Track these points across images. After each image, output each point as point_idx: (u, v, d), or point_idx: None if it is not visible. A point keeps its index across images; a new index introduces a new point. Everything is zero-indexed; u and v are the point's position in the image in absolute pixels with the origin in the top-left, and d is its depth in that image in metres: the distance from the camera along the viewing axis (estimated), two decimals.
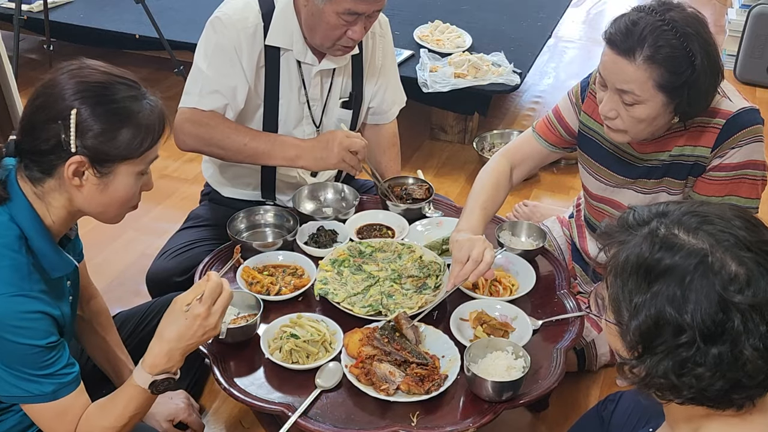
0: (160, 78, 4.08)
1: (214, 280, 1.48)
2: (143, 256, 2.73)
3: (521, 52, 3.56)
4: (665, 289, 1.00)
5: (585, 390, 2.24)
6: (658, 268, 1.02)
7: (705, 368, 0.99)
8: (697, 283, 0.99)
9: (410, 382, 1.61)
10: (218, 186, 2.37)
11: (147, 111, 1.44)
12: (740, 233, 1.01)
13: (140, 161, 1.45)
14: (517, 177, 2.09)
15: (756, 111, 1.77)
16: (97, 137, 1.38)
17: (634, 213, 1.10)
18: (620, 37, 1.64)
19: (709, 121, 1.76)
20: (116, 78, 1.43)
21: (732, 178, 1.77)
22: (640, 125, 1.72)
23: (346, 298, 1.85)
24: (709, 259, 1.00)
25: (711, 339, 0.98)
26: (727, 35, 4.61)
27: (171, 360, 1.46)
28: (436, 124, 3.68)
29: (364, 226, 2.16)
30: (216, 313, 1.47)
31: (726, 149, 1.75)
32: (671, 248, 1.02)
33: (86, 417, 1.47)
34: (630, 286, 1.04)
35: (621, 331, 1.07)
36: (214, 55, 2.08)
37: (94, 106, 1.38)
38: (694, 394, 1.02)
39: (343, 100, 2.26)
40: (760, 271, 0.99)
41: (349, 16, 1.96)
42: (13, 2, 3.57)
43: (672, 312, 1.00)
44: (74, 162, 1.38)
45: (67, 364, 1.45)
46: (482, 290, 1.90)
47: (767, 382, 1.01)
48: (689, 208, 1.07)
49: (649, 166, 1.87)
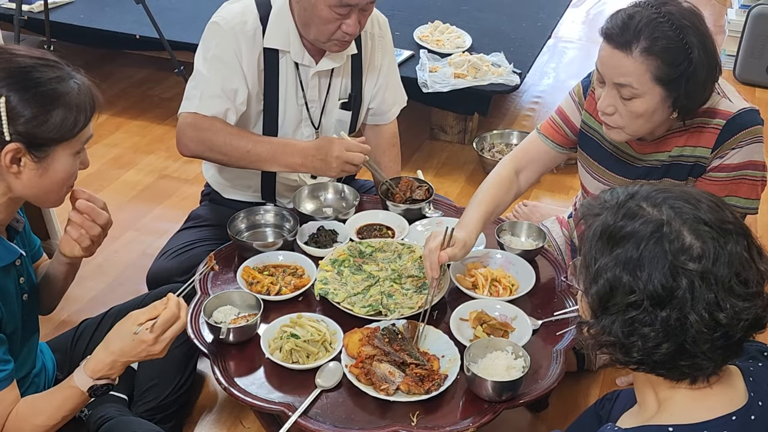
0: (160, 78, 4.08)
1: (171, 308, 1.49)
2: (143, 255, 2.74)
3: (521, 53, 3.56)
4: (623, 253, 1.07)
5: (585, 390, 2.25)
6: (620, 234, 1.09)
7: (651, 329, 1.06)
8: (651, 250, 1.06)
9: (410, 382, 1.61)
10: (219, 187, 2.38)
11: (75, 90, 1.42)
12: (702, 211, 1.08)
13: (76, 141, 1.44)
14: (526, 180, 2.06)
15: (756, 111, 1.78)
16: (29, 122, 1.37)
17: (610, 192, 1.18)
18: (617, 31, 1.64)
19: (709, 122, 1.76)
20: (39, 60, 1.41)
21: (732, 179, 1.77)
22: (638, 120, 1.72)
23: (346, 298, 1.85)
24: (665, 228, 1.06)
25: (659, 302, 1.05)
26: (726, 35, 4.62)
27: (113, 369, 1.49)
28: (436, 124, 3.68)
29: (364, 226, 2.17)
30: (164, 341, 1.49)
31: (726, 150, 1.75)
32: (633, 217, 1.09)
33: (16, 413, 1.46)
34: (594, 252, 1.12)
35: (584, 295, 1.14)
36: (214, 60, 2.08)
37: (21, 92, 1.36)
38: (643, 356, 1.09)
39: (343, 101, 2.26)
40: (714, 245, 1.05)
41: (342, 8, 1.95)
42: (13, 2, 3.57)
43: (626, 275, 1.07)
44: (10, 150, 1.37)
45: (0, 360, 1.44)
46: (482, 290, 1.91)
47: (713, 354, 1.06)
48: (660, 186, 1.15)
49: (648, 167, 1.88)
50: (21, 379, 1.59)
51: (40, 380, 1.69)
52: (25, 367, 1.62)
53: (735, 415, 1.08)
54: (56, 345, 1.87)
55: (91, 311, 2.25)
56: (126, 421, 1.66)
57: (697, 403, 1.10)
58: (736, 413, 1.09)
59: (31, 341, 1.64)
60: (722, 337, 1.05)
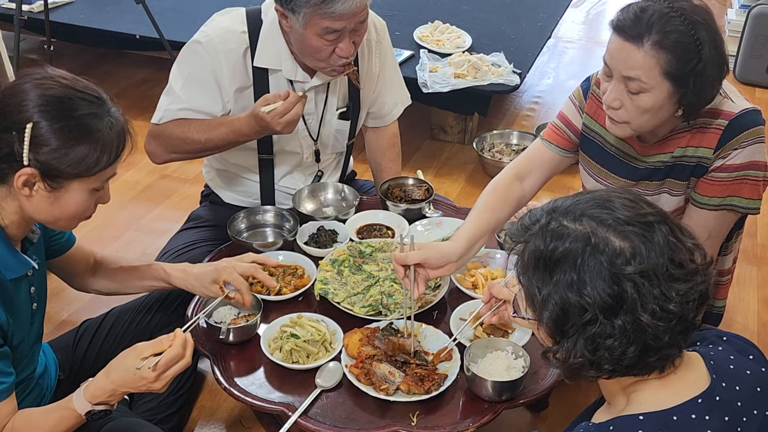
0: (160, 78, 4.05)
1: (176, 347, 1.48)
2: (144, 256, 2.74)
3: (521, 53, 3.56)
4: (563, 276, 1.09)
5: (585, 390, 2.25)
6: (554, 258, 1.10)
7: (613, 339, 1.07)
8: (588, 264, 1.07)
9: (410, 381, 1.61)
10: (218, 190, 2.37)
11: (106, 129, 1.40)
12: (619, 211, 1.10)
13: (95, 179, 1.43)
14: (530, 187, 2.01)
15: (758, 112, 1.78)
16: (51, 153, 1.36)
17: (529, 214, 1.18)
18: (629, 24, 1.63)
19: (712, 122, 1.76)
20: (79, 93, 1.40)
21: (734, 179, 1.77)
22: (645, 116, 1.70)
23: (346, 298, 1.85)
24: (592, 239, 1.08)
25: (612, 312, 1.07)
26: (726, 35, 4.61)
27: (112, 396, 1.49)
28: (436, 124, 3.68)
29: (364, 226, 2.17)
30: (165, 379, 1.48)
31: (728, 150, 1.75)
32: (560, 237, 1.10)
33: (12, 427, 1.45)
34: (535, 282, 1.13)
35: (539, 324, 1.15)
36: (189, 79, 2.06)
37: (52, 121, 1.35)
38: (614, 365, 1.10)
39: (341, 111, 2.23)
40: (642, 241, 1.07)
41: (331, 34, 1.90)
42: (13, 2, 3.57)
43: (573, 296, 1.08)
44: (24, 174, 1.36)
45: (1, 373, 1.43)
46: (482, 290, 1.91)
47: (675, 340, 1.09)
48: (573, 199, 1.16)
49: (651, 168, 1.87)
50: (25, 380, 1.60)
51: (44, 381, 1.70)
52: (29, 369, 1.62)
53: (701, 398, 1.11)
54: (58, 345, 1.87)
55: (91, 311, 2.25)
56: (128, 422, 1.67)
57: (663, 391, 1.13)
58: (701, 396, 1.11)
59: (35, 345, 1.64)
60: (679, 323, 1.08)
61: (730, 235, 1.92)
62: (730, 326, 2.51)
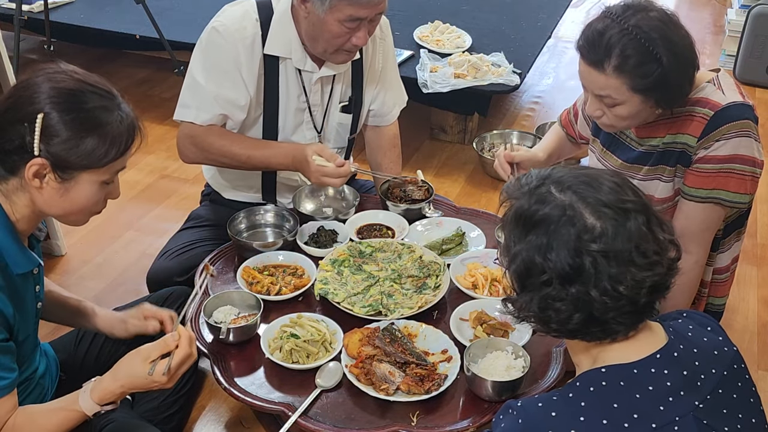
0: (160, 78, 4.08)
1: (184, 347, 1.49)
2: (144, 256, 2.74)
3: (521, 53, 3.56)
4: (535, 238, 1.18)
5: None
6: (533, 219, 1.19)
7: (563, 303, 1.17)
8: (559, 232, 1.16)
9: (410, 381, 1.61)
10: (219, 188, 2.38)
11: (116, 122, 1.42)
12: (603, 193, 1.18)
13: (104, 171, 1.44)
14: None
15: (747, 106, 1.78)
16: (62, 144, 1.37)
17: (527, 175, 1.27)
18: (588, 49, 1.71)
19: (699, 111, 1.78)
20: (90, 86, 1.42)
21: (719, 171, 1.78)
22: (625, 121, 1.80)
23: (346, 298, 1.85)
24: (568, 212, 1.16)
25: (567, 280, 1.16)
26: (726, 35, 4.62)
27: (120, 396, 1.50)
28: (436, 124, 3.68)
29: (364, 226, 2.17)
30: (175, 378, 1.50)
31: (711, 141, 1.77)
32: (543, 202, 1.19)
33: (14, 424, 1.46)
34: (513, 235, 1.22)
35: (506, 273, 1.26)
36: (213, 69, 2.07)
37: (62, 112, 1.37)
38: (559, 326, 1.21)
39: (343, 104, 2.26)
40: (613, 224, 1.15)
41: (352, 22, 1.95)
42: (13, 2, 3.57)
43: (538, 257, 1.17)
44: (35, 164, 1.37)
45: (5, 368, 1.44)
46: (482, 290, 1.91)
47: (622, 319, 1.17)
48: (569, 171, 1.24)
49: (643, 152, 1.90)
50: (26, 380, 1.60)
51: (46, 381, 1.70)
52: (30, 369, 1.62)
53: (659, 354, 1.19)
54: (58, 346, 1.87)
55: None
56: (128, 423, 1.67)
57: (625, 350, 1.20)
58: (660, 351, 1.19)
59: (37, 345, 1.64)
60: (627, 304, 1.16)
61: (725, 232, 1.92)
62: (730, 326, 2.52)
